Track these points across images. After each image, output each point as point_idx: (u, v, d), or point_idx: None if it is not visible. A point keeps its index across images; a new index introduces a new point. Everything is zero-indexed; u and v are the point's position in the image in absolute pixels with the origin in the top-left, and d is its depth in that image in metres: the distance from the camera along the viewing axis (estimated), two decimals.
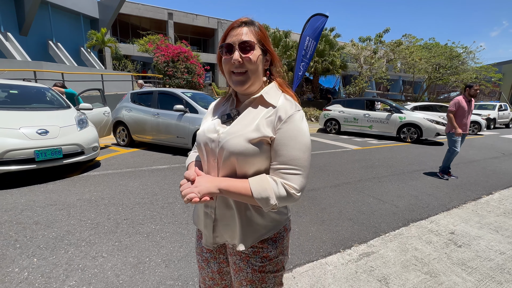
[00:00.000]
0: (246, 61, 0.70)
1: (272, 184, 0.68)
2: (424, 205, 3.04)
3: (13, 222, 2.30)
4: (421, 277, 1.79)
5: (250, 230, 0.76)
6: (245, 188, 0.68)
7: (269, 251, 0.79)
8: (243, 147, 0.69)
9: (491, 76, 25.65)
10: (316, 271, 1.83)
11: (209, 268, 0.89)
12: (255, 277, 0.79)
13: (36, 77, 8.41)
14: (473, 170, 4.68)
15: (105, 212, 2.56)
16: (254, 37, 0.72)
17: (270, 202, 0.67)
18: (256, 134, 0.69)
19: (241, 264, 0.80)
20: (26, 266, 1.74)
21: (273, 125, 0.71)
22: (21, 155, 3.00)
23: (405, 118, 7.68)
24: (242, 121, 0.74)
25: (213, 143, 0.74)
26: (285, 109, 0.72)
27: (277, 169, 0.70)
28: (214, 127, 0.77)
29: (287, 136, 0.70)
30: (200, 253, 0.91)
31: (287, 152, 0.69)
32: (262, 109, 0.74)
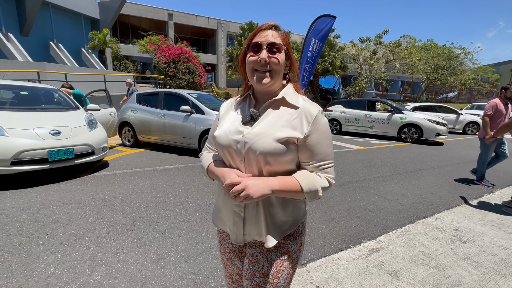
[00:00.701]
0: (272, 62, 0.74)
1: (317, 178, 0.76)
2: (428, 203, 3.14)
3: (32, 220, 2.36)
4: (429, 271, 1.88)
5: (275, 226, 0.80)
6: (295, 185, 0.73)
7: (290, 247, 0.83)
8: (272, 147, 0.72)
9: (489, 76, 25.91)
10: (329, 265, 1.91)
11: (234, 265, 0.93)
12: (271, 271, 0.81)
13: (39, 78, 8.45)
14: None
15: (120, 210, 2.63)
16: (281, 41, 0.76)
17: (318, 194, 0.75)
18: (283, 133, 0.73)
19: (260, 257, 0.82)
20: (52, 261, 1.81)
21: (300, 126, 0.74)
22: (35, 155, 3.07)
23: (406, 119, 7.79)
24: (266, 122, 0.76)
25: (238, 144, 0.76)
26: (309, 110, 0.76)
27: (317, 166, 0.77)
28: (237, 129, 0.79)
29: (319, 135, 0.76)
30: (224, 253, 0.94)
31: (322, 149, 0.77)
32: (284, 109, 0.78)
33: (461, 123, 10.46)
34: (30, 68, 9.86)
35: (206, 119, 4.76)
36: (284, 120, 0.75)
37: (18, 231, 2.18)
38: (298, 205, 0.85)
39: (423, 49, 21.91)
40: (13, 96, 3.92)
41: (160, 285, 1.64)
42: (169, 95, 5.42)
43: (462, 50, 21.21)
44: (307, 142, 0.75)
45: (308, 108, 0.76)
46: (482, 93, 31.64)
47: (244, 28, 19.20)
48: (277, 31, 0.77)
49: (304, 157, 0.77)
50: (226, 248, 0.93)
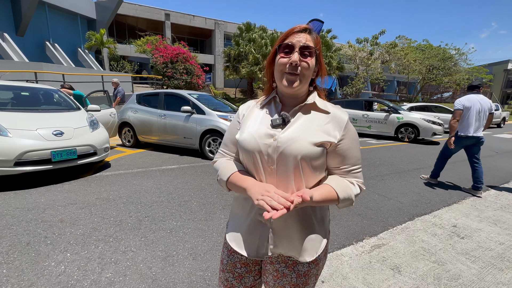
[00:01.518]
0: (303, 66, 0.72)
1: (351, 186, 0.75)
2: (426, 201, 3.22)
3: (39, 220, 2.38)
4: (430, 265, 1.94)
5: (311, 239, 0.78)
6: (332, 194, 0.71)
7: (320, 258, 0.81)
8: (308, 150, 0.70)
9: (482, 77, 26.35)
10: (333, 261, 1.97)
11: (241, 285, 0.86)
12: (299, 281, 0.79)
13: (37, 78, 8.39)
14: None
15: (125, 210, 2.65)
16: (314, 45, 0.74)
17: (352, 201, 0.75)
18: (319, 138, 0.72)
19: (286, 270, 0.79)
20: (61, 260, 1.84)
21: (333, 131, 0.74)
22: (39, 156, 3.07)
23: (403, 119, 7.91)
24: (298, 125, 0.74)
25: (269, 149, 0.73)
26: (340, 116, 0.76)
27: (350, 171, 0.77)
28: (267, 132, 0.75)
29: (351, 140, 0.76)
30: (231, 270, 0.86)
31: (354, 154, 0.77)
32: (316, 114, 0.77)
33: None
34: (27, 68, 9.78)
35: (207, 119, 4.79)
36: (316, 124, 0.74)
37: (25, 231, 2.19)
38: (327, 213, 0.85)
39: (418, 50, 22.20)
40: (15, 96, 3.91)
41: (170, 281, 1.68)
42: (170, 96, 5.44)
43: (456, 51, 21.52)
44: (339, 147, 0.74)
45: (339, 114, 0.77)
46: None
47: (242, 28, 19.25)
48: (310, 34, 0.75)
49: (335, 162, 0.76)
50: (238, 262, 0.85)
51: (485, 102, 3.53)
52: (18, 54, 12.48)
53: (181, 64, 14.05)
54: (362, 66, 19.59)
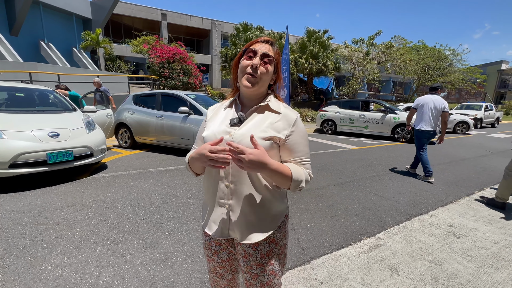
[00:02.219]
0: (262, 70, 0.83)
1: (303, 172, 0.85)
2: (423, 201, 3.25)
3: (34, 223, 2.35)
4: (427, 265, 1.96)
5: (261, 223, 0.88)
6: (287, 171, 0.79)
7: (275, 236, 0.92)
8: None
9: (476, 77, 26.67)
10: (332, 262, 1.97)
11: (219, 258, 0.99)
12: (264, 260, 0.90)
13: (31, 79, 8.28)
14: (465, 168, 4.96)
15: (122, 212, 2.64)
16: (274, 56, 0.87)
17: (301, 184, 0.83)
18: (267, 133, 0.82)
19: (251, 250, 0.90)
20: (58, 264, 1.82)
21: (282, 129, 0.84)
22: (34, 158, 3.04)
23: (399, 119, 7.97)
24: (252, 123, 0.85)
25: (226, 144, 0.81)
26: (290, 115, 0.87)
27: (298, 162, 0.87)
28: (224, 130, 0.86)
29: (299, 136, 0.87)
30: (209, 247, 0.99)
31: (302, 148, 0.87)
32: (268, 114, 0.87)
33: (451, 123, 10.76)
34: (22, 68, 9.65)
35: None
36: (268, 122, 0.85)
37: (21, 234, 2.17)
38: (283, 200, 0.95)
39: (413, 50, 22.40)
40: (9, 97, 3.86)
41: (169, 284, 1.67)
42: (167, 96, 5.41)
43: (451, 52, 21.76)
44: (287, 142, 0.85)
45: (289, 114, 0.88)
46: (470, 93, 32.54)
47: (239, 29, 19.23)
48: (272, 46, 0.88)
49: (285, 155, 0.87)
50: (212, 241, 0.98)
51: (438, 101, 4.02)
52: (12, 54, 12.31)
53: (178, 64, 13.98)
54: (358, 66, 19.70)
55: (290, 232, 2.39)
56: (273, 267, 0.92)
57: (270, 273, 0.92)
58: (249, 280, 0.93)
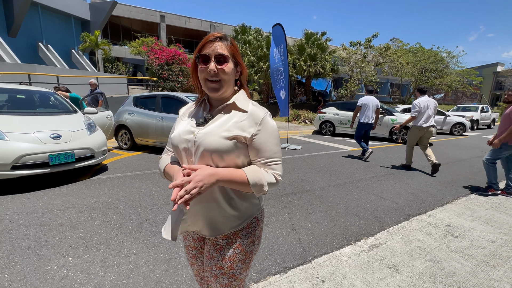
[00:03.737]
0: (221, 72, 0.80)
1: (264, 174, 0.82)
2: (421, 201, 3.30)
3: (38, 224, 2.37)
4: (426, 264, 2.01)
5: (219, 221, 0.86)
6: (242, 177, 0.78)
7: (242, 241, 0.89)
8: (218, 144, 0.78)
9: (472, 79, 26.96)
10: (333, 261, 2.01)
11: (199, 262, 1.01)
12: (225, 264, 0.88)
13: (30, 80, 8.27)
14: (462, 169, 5.04)
15: (125, 213, 2.66)
16: (228, 51, 0.82)
17: (263, 188, 0.81)
18: (231, 133, 0.80)
19: (214, 253, 0.89)
20: (63, 264, 1.84)
21: (248, 128, 0.81)
22: (36, 160, 3.05)
23: (397, 120, 8.06)
24: (217, 123, 0.83)
25: (189, 143, 0.82)
26: (257, 113, 0.84)
27: (265, 163, 0.84)
28: (189, 129, 0.85)
29: (266, 135, 0.83)
30: (188, 252, 1.01)
31: (269, 147, 0.84)
32: (235, 113, 0.85)
33: (448, 124, 10.88)
34: (20, 70, 9.63)
35: None
36: (233, 121, 0.82)
37: (25, 235, 2.18)
38: (250, 201, 0.90)
39: (410, 52, 22.62)
40: (10, 99, 3.87)
41: (174, 283, 1.70)
42: (167, 98, 5.44)
43: (447, 54, 22.00)
44: (254, 141, 0.82)
45: (257, 112, 0.84)
46: (466, 95, 32.89)
47: (237, 31, 19.31)
48: (223, 41, 0.83)
49: (252, 154, 0.84)
50: (189, 246, 1.00)
51: (374, 101, 5.56)
52: (10, 56, 12.28)
53: (177, 66, 14.02)
54: (356, 68, 19.86)
55: (291, 232, 2.43)
56: (233, 271, 0.90)
57: (230, 276, 0.90)
58: (210, 278, 0.93)
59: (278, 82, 7.35)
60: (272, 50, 7.44)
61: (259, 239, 0.96)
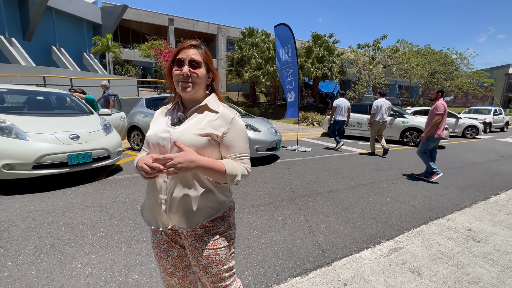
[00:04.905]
0: (193, 76, 0.89)
1: (238, 166, 0.91)
2: (438, 205, 3.24)
3: (60, 222, 2.42)
4: (449, 268, 1.97)
5: (196, 212, 0.92)
6: (220, 167, 0.85)
7: (218, 228, 0.96)
8: (193, 140, 0.86)
9: (483, 81, 26.42)
10: (353, 264, 1.99)
11: (168, 256, 1.02)
12: (209, 252, 0.94)
13: (45, 83, 8.49)
14: (478, 172, 4.92)
15: None
16: (201, 58, 0.91)
17: (236, 178, 0.89)
18: (204, 130, 0.88)
19: (196, 243, 0.94)
20: (87, 262, 1.87)
21: (220, 127, 0.91)
22: (56, 160, 3.12)
23: (408, 123, 7.95)
24: (191, 122, 0.91)
25: (165, 141, 0.88)
26: (227, 114, 0.93)
27: (235, 157, 0.93)
28: (165, 129, 0.92)
29: (235, 133, 0.93)
30: (157, 247, 1.02)
31: (239, 144, 0.93)
32: (207, 113, 0.94)
33: (460, 127, 10.67)
34: (36, 72, 9.91)
35: None
36: (206, 121, 0.91)
37: (48, 233, 2.23)
38: (225, 193, 0.99)
39: (419, 54, 22.34)
40: (30, 101, 3.98)
41: None
42: None
43: (458, 56, 21.64)
44: (225, 139, 0.91)
45: (227, 113, 0.94)
46: (477, 97, 32.23)
47: (245, 33, 19.45)
48: (197, 49, 0.92)
49: (224, 151, 0.93)
50: (160, 240, 1.02)
51: (346, 102, 6.75)
52: (25, 59, 12.65)
53: None
54: (364, 70, 19.71)
55: (308, 234, 2.42)
56: (219, 257, 0.95)
57: (218, 263, 0.95)
58: (199, 272, 0.97)
59: (287, 83, 7.32)
60: (278, 50, 7.33)
61: (234, 225, 1.04)
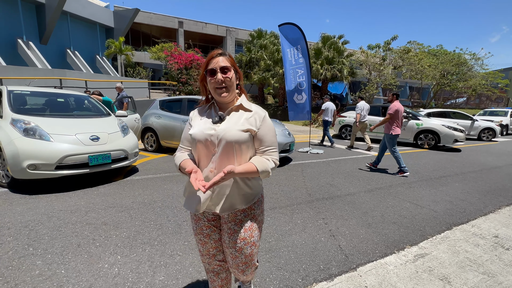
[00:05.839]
0: (226, 80, 1.03)
1: (267, 161, 1.06)
2: (461, 210, 3.15)
3: (83, 222, 2.46)
4: (480, 277, 1.90)
5: (241, 198, 1.09)
6: (252, 168, 1.02)
7: (255, 212, 1.15)
8: (238, 136, 1.02)
9: (498, 82, 25.65)
10: (379, 270, 1.95)
11: (211, 240, 1.16)
12: (246, 234, 1.10)
13: (61, 85, 8.73)
14: (498, 176, 4.77)
15: (162, 214, 2.71)
16: (229, 63, 1.04)
17: (268, 173, 1.06)
18: (245, 126, 1.04)
19: (236, 227, 1.10)
20: (113, 262, 1.89)
21: (255, 123, 1.07)
22: (77, 160, 3.19)
23: (422, 125, 7.78)
24: (232, 120, 1.06)
25: (212, 137, 1.02)
26: (260, 112, 1.11)
27: (265, 150, 1.09)
28: (209, 126, 1.05)
29: (267, 129, 1.09)
30: (200, 232, 1.15)
31: (269, 138, 1.10)
32: (242, 112, 1.09)
33: (476, 129, 10.38)
34: (52, 75, 10.20)
35: None
36: (244, 118, 1.07)
37: (73, 232, 2.28)
38: (258, 182, 1.16)
39: (430, 55, 21.90)
40: (51, 102, 4.09)
41: None
42: (193, 102, 5.56)
43: (472, 56, 21.10)
44: (258, 134, 1.07)
45: (259, 111, 1.11)
46: (491, 98, 31.28)
47: (253, 35, 19.54)
48: (223, 56, 1.05)
49: (257, 144, 1.09)
50: (203, 226, 1.15)
51: (333, 105, 7.91)
52: (41, 62, 13.05)
53: (195, 70, 14.35)
54: (374, 71, 19.46)
55: (329, 238, 2.39)
56: (253, 239, 1.12)
57: (251, 244, 1.12)
58: (234, 253, 1.11)
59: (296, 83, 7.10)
60: (285, 50, 7.03)
61: (264, 211, 1.23)
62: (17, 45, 12.88)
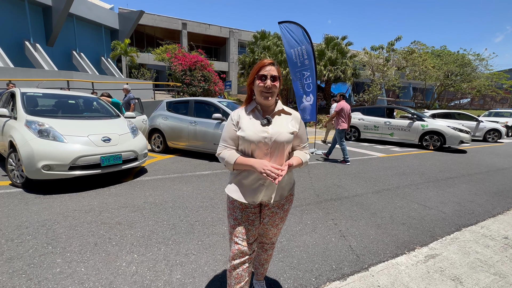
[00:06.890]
0: (273, 87, 1.19)
1: (306, 154, 1.34)
2: (469, 211, 3.16)
3: (98, 222, 2.52)
4: (491, 277, 1.92)
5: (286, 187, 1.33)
6: (299, 161, 1.25)
7: (292, 198, 1.40)
8: (288, 137, 1.22)
9: (503, 82, 25.46)
10: (391, 270, 1.98)
11: (254, 227, 1.29)
12: (284, 214, 1.36)
13: (69, 86, 8.84)
14: (506, 178, 4.76)
15: (174, 214, 2.76)
16: (278, 73, 1.20)
17: (307, 162, 1.33)
18: (291, 129, 1.25)
19: (278, 210, 1.33)
20: (131, 261, 1.94)
21: (295, 124, 1.29)
22: (90, 161, 3.26)
23: (428, 126, 7.77)
24: (279, 123, 1.24)
25: (266, 139, 1.18)
26: (297, 115, 1.32)
27: (303, 147, 1.35)
28: (261, 129, 1.20)
29: (302, 129, 1.34)
30: (246, 220, 1.27)
31: (305, 137, 1.35)
32: (284, 115, 1.29)
33: (481, 131, 10.33)
34: (59, 76, 10.33)
35: None
36: (287, 121, 1.27)
37: (89, 232, 2.33)
38: (292, 175, 1.39)
39: (434, 55, 21.82)
40: (62, 104, 4.16)
41: None
42: (200, 103, 5.62)
43: (476, 56, 20.99)
44: (298, 134, 1.30)
45: (296, 114, 1.32)
46: (495, 99, 31.03)
47: (257, 36, 19.60)
48: (274, 66, 1.21)
49: (296, 142, 1.33)
50: (250, 213, 1.28)
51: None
52: (48, 63, 13.21)
53: (199, 72, 14.42)
54: (377, 72, 19.42)
55: (340, 239, 2.42)
56: (286, 218, 1.40)
57: (283, 222, 1.40)
58: (271, 229, 1.38)
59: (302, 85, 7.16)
60: (289, 51, 6.91)
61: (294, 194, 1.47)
62: (24, 47, 13.06)
